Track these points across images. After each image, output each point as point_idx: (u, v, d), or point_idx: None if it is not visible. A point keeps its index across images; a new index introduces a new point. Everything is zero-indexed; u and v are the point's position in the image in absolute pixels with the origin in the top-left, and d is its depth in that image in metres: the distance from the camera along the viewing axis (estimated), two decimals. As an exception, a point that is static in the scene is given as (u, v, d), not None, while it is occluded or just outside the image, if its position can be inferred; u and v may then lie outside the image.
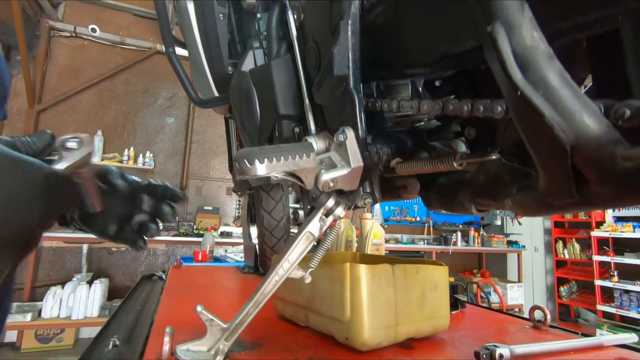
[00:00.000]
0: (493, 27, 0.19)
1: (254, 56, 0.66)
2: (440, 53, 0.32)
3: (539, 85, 0.17)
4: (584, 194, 0.19)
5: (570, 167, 0.18)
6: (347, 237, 1.14)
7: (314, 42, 0.47)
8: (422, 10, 0.34)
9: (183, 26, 0.92)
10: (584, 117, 0.17)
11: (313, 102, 0.53)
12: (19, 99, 4.07)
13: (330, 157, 0.44)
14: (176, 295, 0.93)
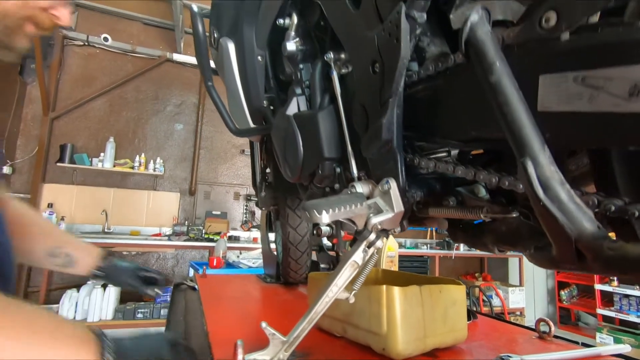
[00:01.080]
0: (524, 160, 0.28)
1: (297, 102, 0.76)
2: (473, 136, 0.42)
3: (555, 200, 0.27)
4: (584, 264, 0.28)
5: (574, 248, 0.28)
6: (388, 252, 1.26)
7: (361, 105, 0.56)
8: (460, 96, 0.43)
9: (221, 61, 1.01)
10: (584, 222, 0.27)
11: (354, 148, 0.63)
12: (34, 106, 4.18)
13: (377, 202, 0.54)
14: (216, 306, 1.03)
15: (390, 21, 0.45)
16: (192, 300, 1.18)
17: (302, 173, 0.76)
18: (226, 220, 4.72)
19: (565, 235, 0.27)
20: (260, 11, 0.83)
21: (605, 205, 0.29)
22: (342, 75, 0.66)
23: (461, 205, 0.54)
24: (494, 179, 0.40)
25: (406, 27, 0.43)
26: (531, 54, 0.32)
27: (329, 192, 0.76)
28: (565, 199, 0.27)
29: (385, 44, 0.47)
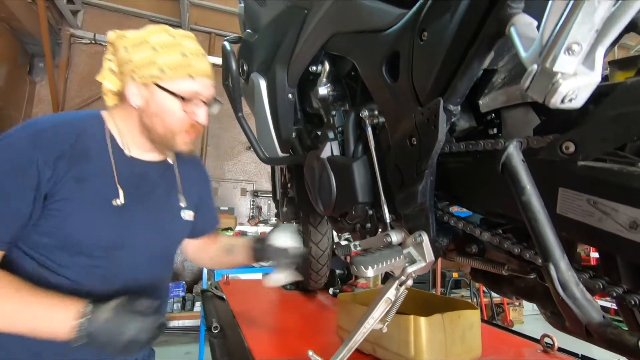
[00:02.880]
0: (548, 265, 0.37)
1: (330, 147, 0.83)
2: (498, 212, 0.50)
3: (571, 297, 0.35)
4: (592, 340, 0.37)
5: (585, 330, 0.36)
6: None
7: (396, 166, 0.64)
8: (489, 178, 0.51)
9: (251, 94, 1.08)
10: (593, 313, 0.35)
11: (386, 196, 0.71)
12: (43, 105, 4.23)
13: (411, 253, 0.63)
14: (249, 320, 1.12)
15: (429, 109, 0.53)
16: (223, 310, 1.28)
17: (335, 211, 0.84)
18: (234, 215, 4.82)
19: (579, 321, 0.36)
20: (294, 57, 0.90)
21: (608, 291, 0.38)
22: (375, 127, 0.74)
23: (482, 253, 0.63)
24: (516, 250, 0.48)
25: (443, 117, 0.51)
26: (554, 168, 0.40)
27: (359, 228, 0.84)
28: (580, 296, 0.35)
29: (422, 125, 0.55)
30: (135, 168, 0.82)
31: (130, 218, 0.77)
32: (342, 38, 0.75)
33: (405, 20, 0.58)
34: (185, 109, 0.79)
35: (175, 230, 0.89)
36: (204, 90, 0.80)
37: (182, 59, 0.79)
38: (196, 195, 0.96)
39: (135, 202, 0.78)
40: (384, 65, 0.64)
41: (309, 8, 0.82)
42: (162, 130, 0.80)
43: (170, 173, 0.90)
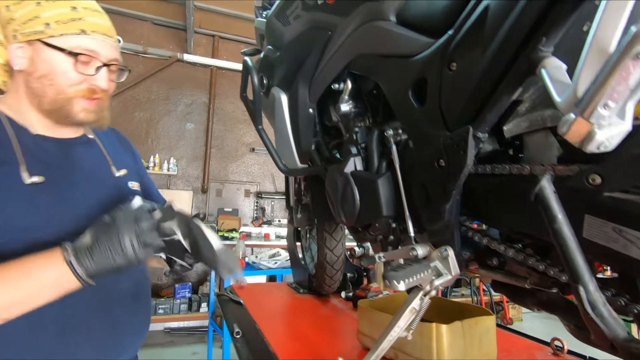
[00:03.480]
0: (578, 287, 0.41)
1: (354, 162, 0.87)
2: (521, 232, 0.54)
3: (599, 316, 0.39)
4: (616, 352, 0.41)
5: (610, 345, 0.40)
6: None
7: (422, 185, 0.68)
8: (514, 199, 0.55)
9: (272, 107, 1.12)
10: (618, 330, 0.39)
11: (410, 211, 0.75)
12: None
13: (437, 266, 0.67)
14: (270, 325, 1.16)
15: (458, 135, 0.57)
16: (242, 314, 1.32)
17: (357, 222, 0.88)
18: (238, 217, 4.86)
19: (605, 337, 0.40)
20: (317, 75, 0.94)
21: (629, 309, 0.42)
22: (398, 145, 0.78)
23: (503, 266, 0.67)
24: (540, 267, 0.53)
25: (472, 144, 0.55)
26: (580, 196, 0.44)
27: (381, 239, 0.88)
28: (607, 315, 0.39)
29: (451, 149, 0.59)
30: (47, 146, 0.75)
31: (50, 197, 0.71)
32: (367, 60, 0.79)
33: (433, 49, 0.62)
34: (79, 69, 0.71)
35: (119, 199, 0.79)
36: (101, 49, 0.72)
37: (71, 11, 0.71)
38: (132, 168, 0.92)
39: (53, 180, 0.72)
40: (410, 89, 0.68)
41: (333, 30, 0.86)
42: (53, 94, 0.71)
43: (94, 147, 0.85)
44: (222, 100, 5.04)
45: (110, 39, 0.75)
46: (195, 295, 4.15)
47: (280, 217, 5.20)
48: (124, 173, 0.86)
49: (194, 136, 4.90)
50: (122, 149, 0.95)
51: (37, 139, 0.75)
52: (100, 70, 0.73)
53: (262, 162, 5.22)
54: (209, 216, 4.86)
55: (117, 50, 0.78)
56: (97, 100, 0.75)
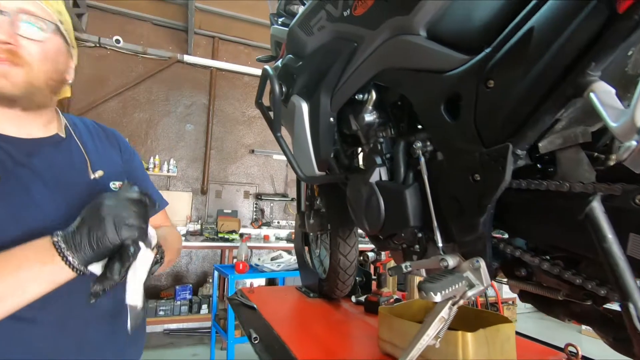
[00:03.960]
0: (628, 304, 0.42)
1: (379, 172, 0.89)
2: (557, 246, 0.56)
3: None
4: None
5: None
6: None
7: (453, 197, 0.70)
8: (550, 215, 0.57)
9: (291, 115, 1.13)
10: None
11: (438, 222, 0.76)
12: (47, 108, 4.21)
13: (468, 277, 0.68)
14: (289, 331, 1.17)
15: (497, 151, 0.59)
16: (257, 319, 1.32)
17: (381, 231, 0.89)
18: (237, 218, 4.85)
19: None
20: (340, 85, 0.95)
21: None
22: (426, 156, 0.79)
23: (531, 276, 0.69)
24: (577, 280, 0.54)
25: (511, 161, 0.57)
26: (626, 215, 0.46)
27: (405, 248, 0.90)
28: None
29: (488, 165, 0.61)
30: (5, 146, 0.68)
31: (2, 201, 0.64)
32: (396, 73, 0.80)
33: (469, 66, 0.64)
34: None
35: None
36: None
37: None
38: (117, 166, 0.87)
39: (7, 184, 0.65)
40: (442, 104, 0.69)
41: (359, 41, 0.87)
42: None
43: (67, 147, 0.78)
44: (221, 102, 5.03)
45: None
46: (195, 297, 4.14)
47: (279, 219, 5.21)
48: (100, 175, 0.79)
49: (193, 137, 4.88)
50: (108, 146, 0.89)
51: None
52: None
53: (262, 163, 5.22)
54: (208, 217, 4.84)
55: (36, 5, 0.67)
56: (7, 63, 0.63)
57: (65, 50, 0.76)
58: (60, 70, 0.74)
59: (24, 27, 0.65)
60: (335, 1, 0.91)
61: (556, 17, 0.48)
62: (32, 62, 0.67)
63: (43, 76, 0.69)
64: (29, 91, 0.67)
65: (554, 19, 0.48)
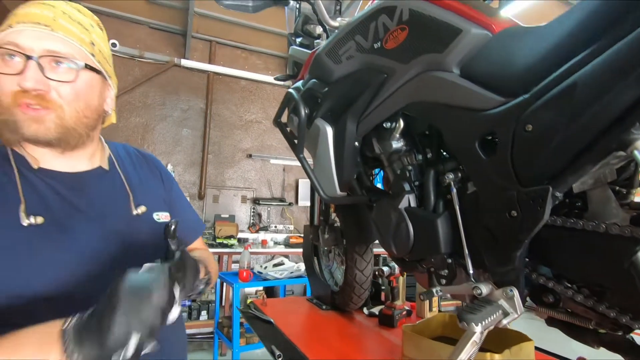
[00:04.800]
0: None
1: (408, 199, 0.92)
2: (592, 281, 0.60)
3: None
4: None
5: None
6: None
7: (487, 229, 0.74)
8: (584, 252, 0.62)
9: (315, 138, 1.15)
10: None
11: (469, 249, 0.80)
12: (41, 112, 4.14)
13: (502, 305, 0.72)
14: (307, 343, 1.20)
15: (536, 192, 0.63)
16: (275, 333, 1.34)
17: (410, 256, 0.93)
18: (235, 223, 4.84)
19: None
20: (367, 113, 0.98)
21: None
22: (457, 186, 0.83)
23: (558, 303, 0.73)
24: (612, 314, 0.59)
25: (550, 202, 0.61)
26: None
27: (433, 272, 0.93)
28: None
29: (526, 204, 0.65)
30: (51, 182, 0.68)
31: (48, 241, 0.63)
32: (427, 106, 0.84)
33: (506, 108, 0.67)
34: (2, 69, 0.60)
35: (138, 237, 0.74)
36: (25, 40, 0.60)
37: (11, 14, 0.64)
38: (159, 195, 0.86)
39: (53, 221, 0.64)
40: (477, 141, 0.73)
41: (389, 73, 0.90)
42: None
43: (110, 180, 0.78)
44: (219, 106, 5.02)
45: (44, 27, 0.61)
46: (194, 303, 4.12)
47: (276, 223, 5.22)
48: (142, 211, 0.78)
49: (190, 142, 4.86)
50: (149, 174, 0.89)
51: (40, 173, 0.68)
52: (25, 66, 0.60)
53: (259, 168, 5.22)
54: (206, 222, 4.82)
55: (64, 42, 0.64)
56: (39, 109, 0.62)
57: (99, 83, 0.73)
58: (94, 105, 0.72)
59: (53, 70, 0.64)
60: (365, 33, 0.94)
61: (601, 77, 0.52)
62: (63, 104, 0.66)
63: (75, 115, 0.68)
64: (62, 133, 0.67)
65: (599, 79, 0.52)
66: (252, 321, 1.52)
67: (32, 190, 0.65)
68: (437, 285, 0.92)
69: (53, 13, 0.65)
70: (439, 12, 0.81)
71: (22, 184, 0.64)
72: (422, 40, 0.83)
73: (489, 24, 0.76)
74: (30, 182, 0.66)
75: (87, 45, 0.69)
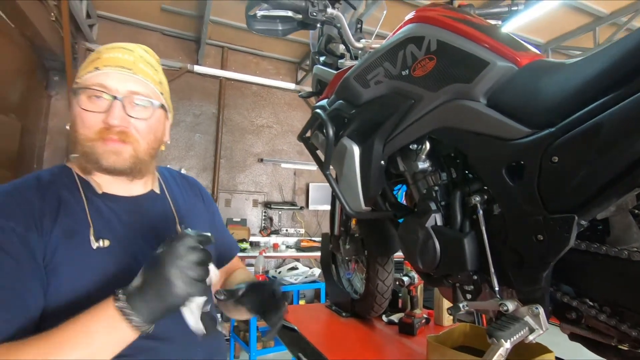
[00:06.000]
0: None
1: (435, 218, 0.97)
2: (617, 303, 0.65)
3: None
4: None
5: None
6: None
7: (514, 250, 0.79)
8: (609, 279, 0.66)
9: (341, 156, 1.21)
10: None
11: (495, 266, 0.85)
12: (58, 118, 4.25)
13: (528, 322, 0.78)
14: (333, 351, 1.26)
15: (562, 220, 0.68)
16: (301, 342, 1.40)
17: (436, 271, 0.98)
18: (247, 227, 4.92)
19: None
20: (395, 135, 1.04)
21: None
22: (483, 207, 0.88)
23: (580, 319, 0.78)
24: (634, 333, 0.64)
25: (576, 229, 0.66)
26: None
27: (458, 287, 0.98)
28: None
29: (553, 230, 0.70)
30: (113, 206, 0.74)
31: (114, 263, 0.68)
32: (454, 132, 0.89)
33: (533, 139, 0.72)
34: (86, 106, 0.67)
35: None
36: (111, 82, 0.68)
37: (95, 55, 0.71)
38: (203, 217, 0.92)
39: (118, 244, 0.70)
40: (503, 168, 0.78)
41: (417, 99, 0.96)
42: (79, 140, 0.68)
43: (161, 203, 0.83)
44: (230, 111, 5.10)
45: (127, 70, 0.69)
46: (207, 306, 4.20)
47: (287, 227, 5.28)
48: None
49: (203, 147, 4.94)
50: (192, 197, 0.95)
51: (104, 198, 0.74)
52: (111, 105, 0.67)
53: (270, 172, 5.29)
54: (217, 226, 4.90)
55: (142, 83, 0.72)
56: (123, 142, 0.69)
57: (164, 117, 0.82)
58: (159, 137, 0.81)
59: (134, 109, 0.72)
60: (394, 61, 1.00)
61: (627, 121, 0.57)
62: (139, 138, 0.74)
63: (147, 147, 0.76)
64: (135, 164, 0.74)
65: (624, 122, 0.57)
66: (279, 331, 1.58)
67: (98, 215, 0.71)
68: (462, 300, 0.97)
69: (133, 57, 0.73)
70: (466, 44, 0.87)
71: (90, 209, 0.71)
72: (450, 70, 0.88)
73: (514, 58, 0.81)
74: (96, 206, 0.72)
75: (157, 85, 0.77)
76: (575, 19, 4.10)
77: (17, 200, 0.63)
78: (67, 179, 0.72)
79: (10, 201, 0.62)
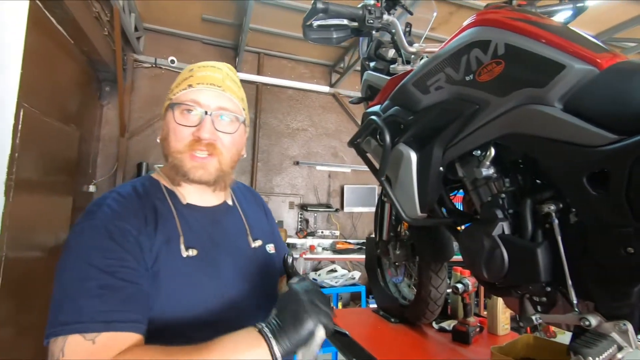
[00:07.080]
0: None
1: (502, 226, 0.94)
2: None
3: None
4: None
5: None
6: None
7: (597, 263, 0.75)
8: None
9: (397, 161, 1.20)
10: None
11: (572, 279, 0.81)
12: (110, 126, 4.52)
13: (616, 340, 0.73)
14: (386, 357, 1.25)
15: (657, 230, 0.64)
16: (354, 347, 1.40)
17: (503, 281, 0.95)
18: (284, 229, 4.99)
19: None
20: (456, 142, 1.02)
21: None
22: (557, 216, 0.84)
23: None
24: None
25: (674, 242, 0.62)
26: None
27: (528, 298, 0.95)
28: None
29: (645, 241, 0.66)
30: (197, 215, 0.78)
31: (202, 271, 0.72)
32: (527, 139, 0.85)
33: (622, 146, 0.68)
34: (179, 120, 0.72)
35: (258, 266, 0.83)
36: (202, 98, 0.73)
37: (187, 72, 0.78)
38: (268, 229, 0.95)
39: (204, 253, 0.73)
40: (585, 176, 0.75)
41: (482, 105, 0.93)
42: (171, 152, 0.74)
43: (233, 214, 0.87)
44: (267, 115, 5.20)
45: (217, 88, 0.75)
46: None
47: (322, 229, 5.31)
48: (258, 244, 0.87)
49: (241, 150, 5.07)
50: (257, 209, 0.98)
51: (189, 208, 0.78)
52: (202, 120, 0.72)
53: (305, 174, 5.34)
54: (255, 228, 5.01)
55: (230, 100, 0.77)
56: (211, 155, 0.74)
57: (245, 132, 0.87)
58: (240, 150, 0.86)
59: (221, 123, 0.78)
60: (456, 66, 0.98)
61: None
62: (224, 151, 0.79)
63: (230, 160, 0.81)
64: (219, 176, 0.79)
65: None
66: (332, 337, 1.59)
67: (186, 224, 0.76)
68: (532, 312, 0.93)
69: (222, 75, 0.79)
70: (536, 46, 0.83)
71: (179, 219, 0.74)
72: (520, 75, 0.85)
73: (595, 60, 0.77)
74: (183, 216, 0.77)
75: (241, 101, 0.81)
76: (623, 10, 3.83)
77: (128, 207, 0.68)
78: (157, 190, 0.77)
79: (123, 207, 0.67)
